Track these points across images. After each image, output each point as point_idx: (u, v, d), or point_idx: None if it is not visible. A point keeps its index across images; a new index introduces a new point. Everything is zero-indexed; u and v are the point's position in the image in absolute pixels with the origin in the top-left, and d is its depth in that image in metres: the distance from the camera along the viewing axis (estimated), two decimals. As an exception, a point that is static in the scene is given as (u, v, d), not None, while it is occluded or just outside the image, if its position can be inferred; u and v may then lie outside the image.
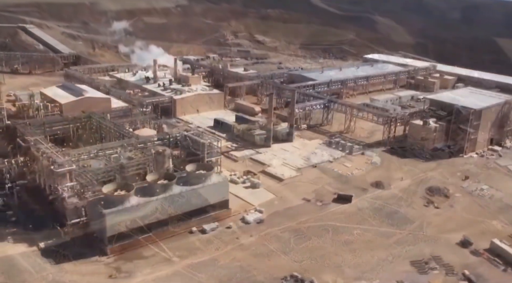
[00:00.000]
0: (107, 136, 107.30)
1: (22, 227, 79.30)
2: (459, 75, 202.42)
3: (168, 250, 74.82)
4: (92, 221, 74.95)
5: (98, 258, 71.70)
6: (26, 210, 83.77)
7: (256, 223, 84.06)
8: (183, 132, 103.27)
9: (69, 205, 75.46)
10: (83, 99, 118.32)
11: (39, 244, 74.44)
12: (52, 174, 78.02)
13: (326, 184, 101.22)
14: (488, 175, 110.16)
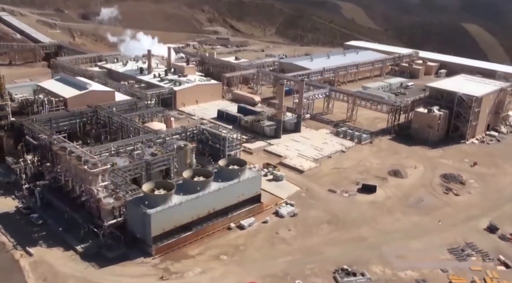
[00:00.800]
0: (119, 132, 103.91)
1: (52, 231, 75.92)
2: (441, 62, 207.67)
3: (212, 247, 73.51)
4: (133, 222, 72.44)
5: (144, 260, 69.63)
6: (52, 212, 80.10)
7: (290, 216, 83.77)
8: (200, 126, 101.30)
9: (106, 205, 72.63)
10: (87, 93, 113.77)
11: (76, 247, 71.50)
12: (84, 174, 74.70)
13: (345, 174, 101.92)
14: (493, 161, 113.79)
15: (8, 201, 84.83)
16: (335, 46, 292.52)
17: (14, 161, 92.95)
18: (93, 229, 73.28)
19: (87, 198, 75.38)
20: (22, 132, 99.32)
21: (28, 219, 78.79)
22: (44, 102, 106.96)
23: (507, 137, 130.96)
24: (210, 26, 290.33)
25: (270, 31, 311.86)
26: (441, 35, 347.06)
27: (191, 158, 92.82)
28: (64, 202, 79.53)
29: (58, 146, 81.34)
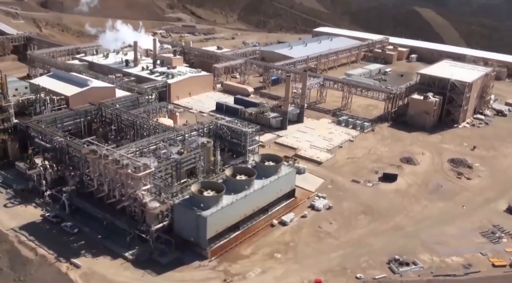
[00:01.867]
0: (129, 130, 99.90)
1: (90, 239, 72.37)
2: (411, 47, 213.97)
3: (263, 246, 72.91)
4: (182, 225, 70.26)
5: (200, 263, 68.00)
6: (84, 219, 76.19)
7: (325, 209, 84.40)
8: (216, 121, 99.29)
9: (152, 210, 70.03)
10: (89, 90, 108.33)
11: (125, 255, 68.68)
12: (126, 178, 71.46)
13: (360, 164, 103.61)
14: (489, 144, 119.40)
15: (30, 210, 79.80)
16: (298, 32, 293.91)
17: (27, 166, 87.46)
18: (140, 235, 70.52)
19: (130, 203, 72.33)
20: (27, 134, 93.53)
21: (59, 228, 74.58)
22: (46, 102, 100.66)
23: (493, 120, 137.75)
24: (172, 13, 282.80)
25: (232, 17, 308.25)
26: (396, 19, 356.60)
27: (217, 155, 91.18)
28: (99, 208, 75.75)
29: (88, 150, 77.03)
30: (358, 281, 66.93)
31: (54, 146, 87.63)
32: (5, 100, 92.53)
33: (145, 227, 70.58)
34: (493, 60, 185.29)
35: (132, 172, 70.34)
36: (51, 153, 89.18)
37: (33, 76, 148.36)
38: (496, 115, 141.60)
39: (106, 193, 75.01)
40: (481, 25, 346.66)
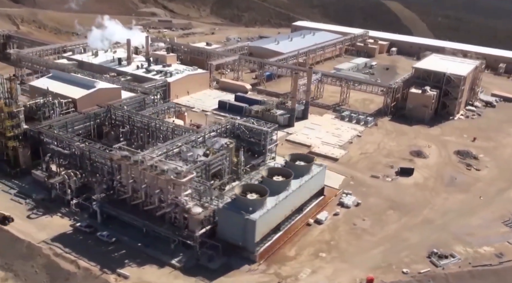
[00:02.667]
0: (144, 132, 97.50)
1: (131, 248, 70.40)
2: (390, 40, 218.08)
3: (305, 246, 73.12)
4: (226, 229, 69.34)
5: (250, 267, 67.45)
6: (119, 227, 73.99)
7: (354, 206, 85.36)
8: (232, 121, 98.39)
9: (196, 215, 68.88)
10: (96, 92, 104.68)
11: (172, 263, 67.27)
12: (166, 184, 69.82)
13: (373, 159, 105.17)
14: (486, 134, 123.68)
15: (57, 220, 76.73)
16: (273, 25, 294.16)
17: (46, 174, 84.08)
18: (184, 241, 69.22)
19: (171, 210, 70.76)
20: (39, 140, 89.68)
21: (95, 237, 72.17)
22: (54, 105, 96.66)
23: (484, 111, 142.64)
24: (145, 7, 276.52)
25: (205, 11, 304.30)
26: (364, 11, 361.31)
27: (240, 155, 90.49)
28: (136, 216, 73.68)
29: (120, 155, 74.66)
30: (405, 276, 68.19)
31: (73, 152, 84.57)
32: (16, 105, 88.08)
33: (189, 233, 69.44)
34: (472, 52, 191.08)
35: (175, 178, 68.74)
36: (68, 159, 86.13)
37: (20, 77, 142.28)
38: (485, 106, 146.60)
39: (143, 200, 73.05)
40: (447, 17, 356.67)
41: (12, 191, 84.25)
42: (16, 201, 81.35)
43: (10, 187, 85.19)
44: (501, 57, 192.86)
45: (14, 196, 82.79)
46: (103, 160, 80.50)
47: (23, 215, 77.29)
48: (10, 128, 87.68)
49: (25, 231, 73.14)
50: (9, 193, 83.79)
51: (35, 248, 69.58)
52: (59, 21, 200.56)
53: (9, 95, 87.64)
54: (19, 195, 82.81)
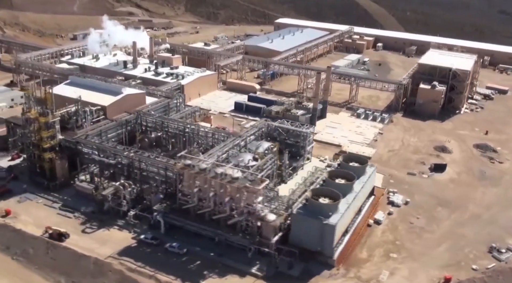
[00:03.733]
0: (179, 138, 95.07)
1: (204, 258, 68.49)
2: (375, 36, 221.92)
3: (373, 247, 73.58)
4: (301, 234, 68.63)
5: (330, 272, 67.18)
6: (185, 237, 71.77)
7: (403, 204, 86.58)
8: (269, 123, 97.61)
9: (271, 222, 67.96)
10: (124, 98, 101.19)
11: (253, 272, 66.05)
12: (238, 192, 68.38)
13: (402, 156, 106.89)
14: (495, 127, 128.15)
15: (116, 234, 73.73)
16: (250, 23, 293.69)
17: (94, 186, 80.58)
18: (260, 249, 68.09)
19: (244, 217, 69.37)
20: (76, 151, 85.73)
21: (163, 249, 69.79)
22: (86, 113, 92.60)
23: (486, 104, 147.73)
24: (120, 6, 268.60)
25: (179, 9, 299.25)
26: (334, 7, 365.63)
27: (285, 158, 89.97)
28: (204, 225, 71.77)
29: (183, 164, 72.46)
30: (476, 273, 69.88)
31: (118, 162, 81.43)
32: (52, 115, 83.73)
33: (262, 241, 68.43)
34: (457, 46, 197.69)
35: (250, 185, 67.45)
36: (112, 170, 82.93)
37: (18, 82, 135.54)
38: (485, 99, 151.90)
39: (211, 208, 71.22)
40: (414, 12, 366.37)
41: (55, 205, 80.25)
42: (63, 215, 77.57)
43: (52, 201, 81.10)
44: (483, 50, 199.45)
45: (60, 210, 78.92)
46: (156, 168, 78.20)
47: (76, 230, 73.86)
48: (46, 139, 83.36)
49: (86, 247, 69.94)
50: (53, 207, 79.79)
51: (103, 264, 66.64)
52: (40, 23, 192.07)
53: (44, 104, 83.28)
54: (65, 209, 78.98)
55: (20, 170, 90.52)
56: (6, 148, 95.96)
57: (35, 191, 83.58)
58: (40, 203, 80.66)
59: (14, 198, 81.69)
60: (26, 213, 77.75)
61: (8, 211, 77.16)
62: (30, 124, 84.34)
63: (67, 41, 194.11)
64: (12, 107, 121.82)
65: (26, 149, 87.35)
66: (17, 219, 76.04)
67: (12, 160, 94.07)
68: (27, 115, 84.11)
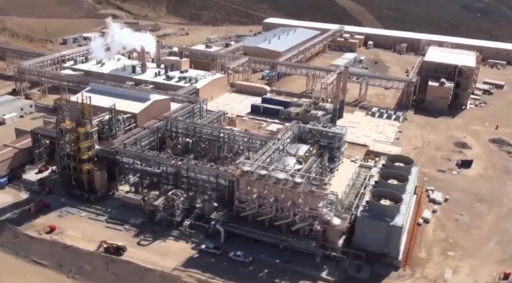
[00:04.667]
0: (214, 143, 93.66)
1: (270, 266, 67.59)
2: (365, 34, 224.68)
3: (429, 246, 74.39)
4: (366, 237, 68.64)
5: (398, 273, 67.52)
6: (245, 245, 70.68)
7: (444, 201, 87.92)
8: (301, 125, 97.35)
9: (337, 226, 67.87)
10: (152, 104, 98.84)
11: (325, 277, 65.64)
12: (304, 197, 67.87)
13: (427, 153, 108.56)
14: (502, 121, 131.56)
15: (173, 245, 71.86)
16: (233, 23, 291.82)
17: (143, 196, 78.34)
18: (328, 254, 67.74)
19: (309, 222, 68.86)
20: (114, 161, 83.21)
21: (227, 258, 68.52)
22: (119, 121, 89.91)
23: (487, 99, 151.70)
24: (102, 9, 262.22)
25: (161, 11, 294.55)
26: (313, 6, 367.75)
27: (325, 160, 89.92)
28: (265, 232, 70.85)
29: (241, 171, 71.33)
30: (532, 266, 71.66)
31: (164, 171, 79.51)
32: (91, 125, 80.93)
33: (328, 245, 68.21)
34: (448, 43, 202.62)
35: (319, 190, 67.02)
36: (156, 179, 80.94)
37: (22, 91, 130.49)
38: (484, 94, 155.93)
39: (273, 215, 70.36)
40: (389, 8, 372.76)
41: (100, 218, 77.61)
42: (113, 228, 75.14)
43: (96, 214, 78.43)
44: (472, 46, 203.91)
45: (107, 223, 76.39)
46: (206, 176, 76.83)
47: (131, 243, 71.61)
48: (85, 150, 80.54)
49: (147, 260, 67.95)
50: (99, 220, 77.13)
51: (171, 277, 64.95)
52: (27, 27, 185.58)
53: (81, 114, 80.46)
54: (112, 222, 76.48)
55: (51, 182, 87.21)
56: (32, 160, 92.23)
57: (75, 204, 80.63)
58: (84, 217, 77.89)
59: (53, 213, 78.63)
60: (71, 228, 74.90)
61: (53, 227, 74.15)
62: (66, 135, 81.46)
63: (57, 46, 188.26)
64: (22, 117, 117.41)
65: (59, 160, 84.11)
66: (64, 235, 73.16)
67: (40, 172, 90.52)
68: (62, 125, 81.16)
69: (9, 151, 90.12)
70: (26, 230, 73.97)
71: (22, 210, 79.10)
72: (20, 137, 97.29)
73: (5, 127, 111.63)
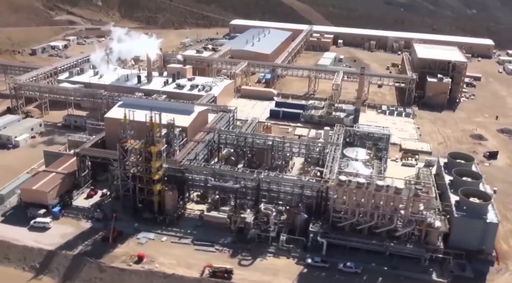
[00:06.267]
0: (267, 153, 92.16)
1: (384, 273, 67.97)
2: (334, 33, 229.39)
3: (506, 239, 77.99)
4: (465, 235, 70.59)
5: (496, 268, 70.21)
6: (347, 255, 70.40)
7: (493, 193, 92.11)
8: (346, 128, 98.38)
9: (439, 229, 69.40)
10: (198, 116, 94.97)
11: (438, 280, 66.99)
12: (405, 202, 68.65)
13: (452, 147, 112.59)
14: (498, 112, 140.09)
15: (276, 262, 70.06)
16: (191, 25, 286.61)
17: (231, 214, 75.17)
18: (432, 256, 69.06)
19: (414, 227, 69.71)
20: (182, 179, 79.38)
21: (337, 271, 67.89)
22: (175, 137, 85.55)
23: (473, 91, 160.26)
24: (56, 15, 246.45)
25: (114, 15, 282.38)
26: (260, 5, 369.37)
27: (384, 162, 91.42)
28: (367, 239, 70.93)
29: (338, 180, 70.70)
30: None
31: (243, 186, 77.09)
32: (161, 143, 76.52)
33: (429, 247, 69.57)
34: (415, 39, 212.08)
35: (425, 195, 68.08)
36: (233, 194, 78.18)
37: (19, 108, 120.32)
38: (468, 87, 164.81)
39: (375, 222, 70.45)
40: (334, 6, 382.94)
41: (184, 240, 73.67)
42: (204, 250, 71.67)
43: (178, 237, 74.33)
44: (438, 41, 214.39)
45: (194, 245, 72.66)
46: (291, 188, 75.46)
47: (231, 264, 68.65)
48: (156, 170, 76.07)
49: (260, 280, 65.84)
50: (183, 243, 73.19)
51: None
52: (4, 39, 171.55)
53: (150, 132, 75.89)
54: (200, 243, 72.83)
55: (106, 207, 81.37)
56: (77, 185, 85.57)
57: (149, 229, 75.89)
58: (166, 241, 73.60)
59: (130, 240, 73.63)
60: (160, 254, 70.59)
61: (141, 255, 69.47)
62: (131, 155, 76.57)
63: (27, 57, 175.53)
64: (34, 137, 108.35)
65: (121, 183, 78.79)
66: (157, 262, 68.76)
67: (89, 197, 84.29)
68: (128, 145, 76.16)
69: (55, 177, 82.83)
70: (111, 262, 68.78)
71: (94, 241, 73.36)
72: (55, 160, 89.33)
73: (19, 151, 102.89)
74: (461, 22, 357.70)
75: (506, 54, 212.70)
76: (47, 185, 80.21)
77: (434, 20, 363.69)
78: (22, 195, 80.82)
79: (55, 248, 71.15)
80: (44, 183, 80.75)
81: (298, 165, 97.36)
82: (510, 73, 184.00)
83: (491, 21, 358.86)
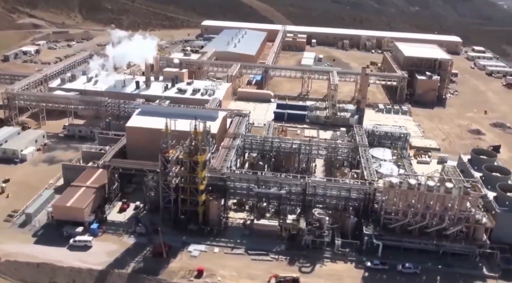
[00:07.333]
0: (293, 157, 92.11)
1: (438, 272, 69.55)
2: (307, 33, 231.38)
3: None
4: (507, 230, 73.54)
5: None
6: (397, 256, 71.61)
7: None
8: (367, 129, 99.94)
9: (485, 225, 71.91)
10: (222, 121, 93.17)
11: (490, 274, 69.45)
12: (459, 202, 70.62)
13: (455, 142, 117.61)
14: (484, 106, 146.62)
15: (334, 267, 70.19)
16: (156, 27, 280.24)
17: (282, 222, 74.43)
18: (482, 252, 71.51)
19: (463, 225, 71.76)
20: (225, 188, 77.81)
21: (397, 272, 68.94)
22: (208, 144, 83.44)
23: (455, 87, 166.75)
24: (18, 19, 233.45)
25: (76, 17, 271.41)
26: (221, 6, 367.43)
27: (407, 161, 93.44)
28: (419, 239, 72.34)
29: (389, 183, 71.65)
30: None
31: (288, 192, 76.58)
32: (207, 152, 74.54)
33: (475, 243, 72.00)
34: (387, 38, 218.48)
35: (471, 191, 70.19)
36: (276, 201, 77.49)
37: (12, 119, 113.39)
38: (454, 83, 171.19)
39: (426, 222, 71.89)
40: (292, 6, 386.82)
41: (237, 251, 72.23)
42: (260, 259, 70.59)
43: (230, 247, 72.78)
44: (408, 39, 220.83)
45: (249, 254, 71.40)
46: (337, 191, 75.73)
47: (292, 272, 67.96)
48: (202, 180, 74.13)
49: (327, 287, 65.70)
50: (237, 253, 71.74)
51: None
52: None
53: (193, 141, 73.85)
54: (254, 253, 71.66)
55: (143, 220, 78.42)
56: (108, 198, 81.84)
57: (198, 241, 73.77)
58: (219, 252, 71.88)
59: (182, 254, 71.33)
60: (217, 266, 68.92)
61: (201, 269, 67.46)
62: (173, 166, 74.20)
63: (0, 64, 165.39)
64: (39, 150, 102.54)
65: (161, 194, 76.13)
66: (218, 276, 66.99)
67: (122, 211, 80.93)
68: (171, 156, 73.68)
69: (87, 192, 78.79)
70: (171, 279, 66.41)
71: (144, 257, 70.51)
72: (74, 174, 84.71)
73: (28, 165, 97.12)
74: (416, 20, 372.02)
75: (472, 50, 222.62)
76: (81, 201, 76.17)
77: (390, 18, 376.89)
78: (54, 212, 76.25)
79: (106, 267, 67.80)
80: (77, 199, 76.62)
81: (320, 167, 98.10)
82: (481, 68, 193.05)
83: (433, 18, 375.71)
